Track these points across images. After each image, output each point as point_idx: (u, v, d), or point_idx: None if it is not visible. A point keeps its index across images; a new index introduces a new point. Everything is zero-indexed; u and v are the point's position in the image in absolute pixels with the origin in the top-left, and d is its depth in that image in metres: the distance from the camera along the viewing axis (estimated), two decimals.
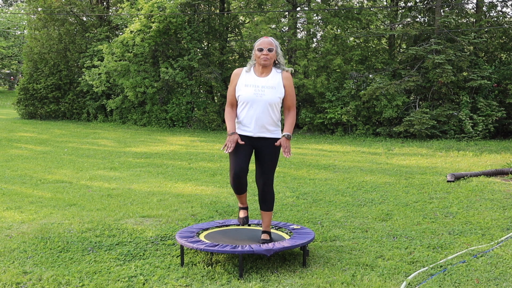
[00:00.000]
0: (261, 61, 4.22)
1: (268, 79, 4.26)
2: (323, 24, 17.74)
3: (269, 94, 4.21)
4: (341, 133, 16.06)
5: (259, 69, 4.28)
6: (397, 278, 3.96)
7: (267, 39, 4.26)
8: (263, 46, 4.23)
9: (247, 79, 4.27)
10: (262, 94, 4.20)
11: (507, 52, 17.13)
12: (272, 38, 4.31)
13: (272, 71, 4.29)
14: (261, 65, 4.25)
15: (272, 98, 4.21)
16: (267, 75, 4.27)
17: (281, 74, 4.29)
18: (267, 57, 4.21)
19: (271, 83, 4.24)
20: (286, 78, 4.29)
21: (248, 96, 4.21)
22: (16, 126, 17.86)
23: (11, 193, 7.09)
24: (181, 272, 4.07)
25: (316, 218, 5.77)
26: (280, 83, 4.26)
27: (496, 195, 6.89)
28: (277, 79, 4.27)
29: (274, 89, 4.23)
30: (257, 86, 4.22)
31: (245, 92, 4.22)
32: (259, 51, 4.22)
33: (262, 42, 4.25)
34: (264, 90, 4.21)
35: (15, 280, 3.89)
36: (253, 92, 4.20)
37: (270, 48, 4.22)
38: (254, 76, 4.27)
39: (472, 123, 14.59)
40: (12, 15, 38.10)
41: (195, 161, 10.37)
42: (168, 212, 6.01)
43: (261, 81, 4.24)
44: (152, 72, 18.18)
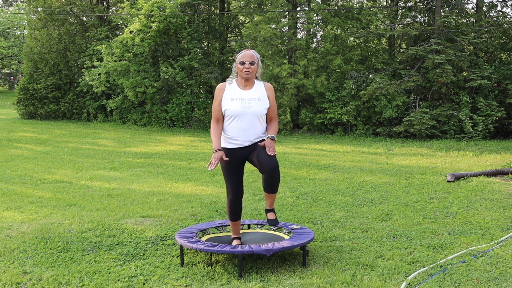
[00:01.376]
0: (243, 74, 4.25)
1: (253, 91, 4.29)
2: (323, 24, 17.74)
3: (256, 106, 4.24)
4: (341, 133, 16.06)
5: (242, 82, 4.30)
6: (397, 278, 3.96)
7: (248, 52, 4.28)
8: (245, 59, 4.25)
9: (232, 93, 4.28)
10: (249, 106, 4.23)
11: (507, 52, 17.12)
12: (254, 51, 4.34)
13: (255, 83, 4.34)
14: (244, 79, 4.27)
15: (260, 110, 4.25)
16: (251, 87, 4.31)
17: (264, 86, 4.35)
18: (249, 70, 4.24)
19: (256, 95, 4.28)
20: (269, 90, 4.35)
21: (235, 109, 4.22)
22: (16, 126, 17.86)
23: (11, 193, 7.09)
24: (181, 272, 4.07)
25: (316, 218, 5.77)
26: (265, 95, 4.31)
27: (496, 195, 6.89)
28: (261, 90, 4.32)
29: (260, 101, 4.27)
30: (243, 99, 4.25)
31: (232, 106, 4.23)
32: (241, 65, 4.25)
33: (244, 55, 4.27)
34: (250, 102, 4.24)
35: (15, 280, 3.89)
36: (240, 105, 4.22)
37: (252, 62, 4.25)
38: (238, 89, 4.29)
39: (472, 123, 14.59)
40: (12, 15, 38.12)
41: (195, 161, 10.37)
42: (168, 212, 6.01)
43: (247, 94, 4.27)
44: (152, 72, 18.18)
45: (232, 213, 4.39)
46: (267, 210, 4.42)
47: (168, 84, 18.13)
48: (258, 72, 4.35)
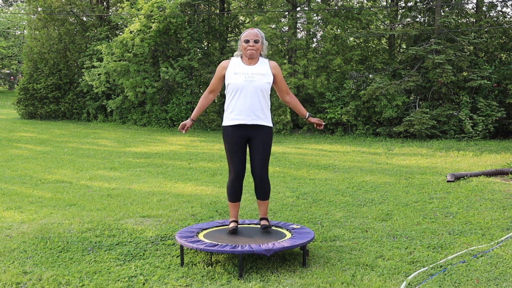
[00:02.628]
0: (248, 52, 4.31)
1: (257, 66, 4.36)
2: (323, 24, 17.74)
3: (259, 80, 4.29)
4: (341, 133, 16.06)
5: (246, 60, 4.37)
6: (397, 278, 3.95)
7: (253, 31, 4.35)
8: (249, 37, 4.31)
9: (236, 67, 4.34)
10: (252, 80, 4.28)
11: (507, 52, 17.12)
12: (258, 30, 4.40)
13: (259, 60, 4.40)
14: (248, 57, 4.33)
15: (262, 84, 4.30)
16: (255, 63, 4.37)
17: (269, 63, 4.41)
18: (253, 48, 4.30)
19: (260, 70, 4.34)
20: (274, 67, 4.42)
21: (238, 83, 4.27)
22: (16, 126, 17.86)
23: (11, 193, 7.09)
24: (181, 272, 4.07)
25: (316, 218, 5.77)
26: (269, 71, 4.38)
27: (496, 195, 6.89)
28: (265, 67, 4.38)
29: (264, 76, 4.33)
30: (247, 73, 4.30)
31: (235, 79, 4.28)
32: (246, 43, 4.31)
33: (248, 34, 4.34)
34: (254, 76, 4.29)
35: (15, 280, 3.89)
36: (243, 79, 4.27)
37: (256, 40, 4.31)
38: (242, 65, 4.36)
39: (472, 123, 14.59)
40: (12, 15, 38.12)
41: (195, 161, 10.37)
42: (168, 212, 6.01)
43: (251, 69, 4.33)
44: (152, 72, 18.17)
45: (232, 193, 4.41)
46: (261, 219, 4.54)
47: (168, 84, 18.13)
48: (263, 50, 4.40)
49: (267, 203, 4.51)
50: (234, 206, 4.50)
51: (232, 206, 4.50)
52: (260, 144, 4.34)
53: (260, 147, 4.34)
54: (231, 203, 4.49)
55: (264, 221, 4.52)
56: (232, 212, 4.53)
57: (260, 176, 4.37)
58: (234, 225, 4.50)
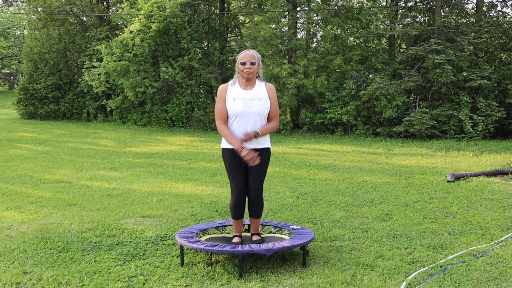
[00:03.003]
0: (245, 75, 4.31)
1: (254, 91, 4.36)
2: (323, 24, 17.73)
3: (257, 106, 4.30)
4: (341, 133, 16.06)
5: (244, 82, 4.36)
6: (397, 278, 3.96)
7: (249, 53, 4.34)
8: (245, 60, 4.31)
9: (234, 93, 4.34)
10: (251, 106, 4.29)
11: (507, 52, 17.12)
12: (254, 51, 4.39)
13: (256, 83, 4.40)
14: (245, 79, 4.33)
15: (261, 109, 4.32)
16: (252, 87, 4.37)
17: (265, 86, 4.41)
18: (250, 71, 4.30)
19: (258, 95, 4.34)
20: (270, 90, 4.41)
21: (237, 109, 4.28)
22: (16, 126, 17.86)
23: (11, 193, 7.09)
24: (181, 272, 4.07)
25: (316, 218, 5.77)
26: (266, 94, 4.37)
27: (496, 195, 6.89)
28: (262, 90, 4.38)
29: (262, 101, 4.34)
30: (245, 99, 4.31)
31: (234, 105, 4.29)
32: (242, 65, 4.31)
33: (244, 56, 4.33)
34: (252, 102, 4.30)
35: (15, 280, 3.89)
36: (242, 105, 4.29)
37: (253, 62, 4.31)
38: (240, 90, 4.35)
39: (472, 123, 14.59)
40: (12, 15, 38.12)
41: (195, 161, 10.37)
42: (168, 212, 6.01)
43: (248, 94, 4.33)
44: (152, 72, 18.17)
45: (235, 212, 4.42)
46: (252, 234, 4.53)
47: (168, 84, 18.12)
48: (259, 72, 4.41)
49: (259, 221, 4.55)
50: (238, 223, 4.50)
51: (236, 223, 4.50)
52: (257, 166, 4.33)
53: (256, 169, 4.35)
54: (235, 220, 4.49)
55: (256, 236, 4.49)
56: (236, 228, 4.52)
57: (255, 195, 4.39)
58: (239, 240, 4.47)
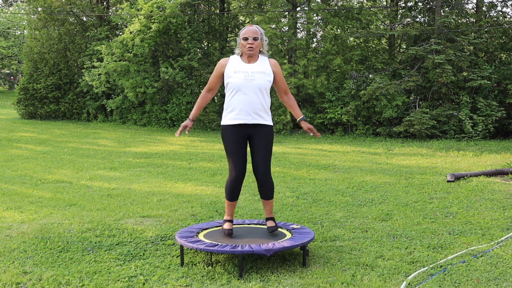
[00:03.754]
0: (247, 50, 4.26)
1: (257, 64, 4.30)
2: (323, 24, 17.74)
3: (259, 79, 4.24)
4: (341, 133, 16.06)
5: (246, 58, 4.32)
6: (397, 278, 3.95)
7: (251, 28, 4.28)
8: (248, 35, 4.26)
9: (235, 66, 4.29)
10: (253, 79, 4.22)
11: (507, 52, 17.12)
12: (257, 26, 4.33)
13: (259, 57, 4.35)
14: (247, 54, 4.29)
15: (263, 83, 4.25)
16: (255, 61, 4.32)
17: (269, 61, 4.37)
18: (253, 46, 4.25)
19: (260, 69, 4.28)
20: (274, 65, 4.36)
21: (238, 82, 4.22)
22: (16, 126, 17.86)
23: (11, 193, 7.09)
24: (181, 272, 4.07)
25: (316, 218, 5.77)
26: (269, 68, 4.32)
27: (496, 195, 6.89)
28: (265, 65, 4.33)
29: (264, 74, 4.27)
30: (247, 72, 4.25)
31: (235, 78, 4.23)
32: (244, 40, 4.26)
33: (247, 31, 4.28)
34: (254, 75, 4.24)
35: (15, 280, 3.89)
36: (243, 77, 4.22)
37: (255, 37, 4.25)
38: (241, 62, 4.31)
39: (472, 123, 14.59)
40: (12, 15, 38.11)
41: (195, 161, 10.37)
42: (168, 212, 6.01)
43: (251, 67, 4.28)
44: (152, 72, 18.17)
45: (231, 192, 4.35)
46: (267, 219, 4.49)
47: (168, 84, 18.13)
48: (263, 47, 4.34)
49: (271, 202, 4.45)
50: (231, 204, 4.45)
51: (229, 205, 4.45)
52: (262, 143, 4.29)
53: (261, 146, 4.29)
54: (229, 202, 4.44)
55: (270, 221, 4.45)
56: (228, 210, 4.47)
57: (263, 175, 4.30)
58: (230, 226, 4.44)
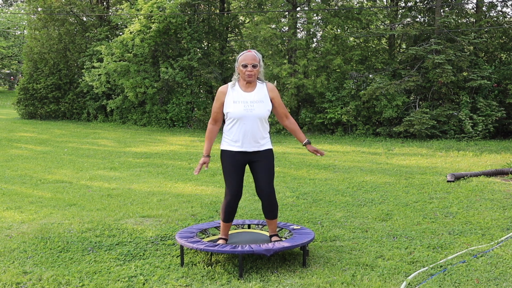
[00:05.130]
0: (246, 77, 4.25)
1: (255, 93, 4.29)
2: (323, 24, 17.74)
3: (258, 109, 4.24)
4: (341, 133, 16.06)
5: (244, 84, 4.30)
6: (397, 278, 3.96)
7: (250, 54, 4.26)
8: (247, 62, 4.23)
9: (234, 95, 4.27)
10: (252, 109, 4.23)
11: (507, 52, 17.12)
12: (255, 52, 4.32)
13: (257, 84, 4.33)
14: (246, 81, 4.27)
15: (262, 112, 4.26)
16: (253, 89, 4.30)
17: (266, 87, 4.35)
18: (252, 73, 4.24)
19: (258, 97, 4.28)
20: (271, 90, 4.35)
21: (238, 112, 4.22)
22: (16, 126, 17.86)
23: (11, 193, 7.09)
24: (181, 272, 4.07)
25: (316, 218, 5.77)
26: (267, 96, 4.31)
27: (496, 195, 6.89)
28: (263, 92, 4.32)
29: (263, 103, 4.27)
30: (246, 102, 4.24)
31: (235, 108, 4.23)
32: (244, 67, 4.24)
33: (245, 57, 4.25)
34: (253, 105, 4.24)
35: (15, 280, 3.89)
36: (242, 108, 4.22)
37: (255, 64, 4.24)
38: (240, 92, 4.29)
39: (472, 123, 14.59)
40: (12, 15, 38.10)
41: (195, 161, 10.37)
42: (168, 212, 6.01)
43: (249, 96, 4.26)
44: (152, 72, 18.18)
45: (227, 213, 4.34)
46: (271, 236, 4.46)
47: (168, 84, 18.13)
48: (260, 73, 4.34)
49: (276, 222, 4.47)
50: (226, 226, 4.42)
51: (224, 226, 4.42)
52: (264, 165, 4.30)
53: (263, 168, 4.30)
54: (224, 223, 4.40)
55: (275, 237, 4.43)
56: (223, 231, 4.44)
57: (268, 196, 4.32)
58: (223, 243, 4.39)
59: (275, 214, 4.42)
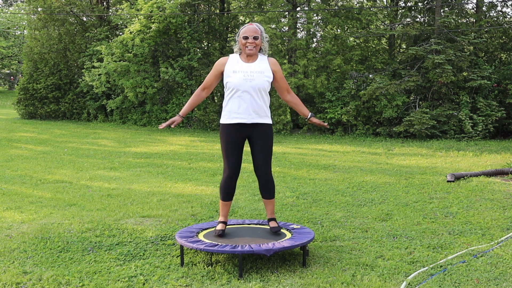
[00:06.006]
0: (247, 50, 4.23)
1: (256, 64, 4.27)
2: (323, 24, 17.74)
3: (258, 79, 4.21)
4: (341, 133, 16.06)
5: (245, 56, 4.29)
6: (397, 278, 3.95)
7: (252, 26, 4.24)
8: (248, 33, 4.22)
9: (234, 65, 4.26)
10: (252, 79, 4.20)
11: (507, 52, 17.12)
12: (257, 24, 4.29)
13: (258, 56, 4.32)
14: (247, 54, 4.26)
15: (262, 83, 4.22)
16: (254, 60, 4.29)
17: (268, 60, 4.33)
18: (253, 45, 4.22)
19: (259, 68, 4.26)
20: (273, 64, 4.33)
21: (237, 82, 4.20)
22: (16, 126, 17.86)
23: (11, 193, 7.09)
24: (181, 272, 4.07)
25: (316, 218, 5.77)
26: (268, 68, 4.30)
27: (496, 195, 6.89)
28: (264, 64, 4.30)
29: (263, 74, 4.25)
30: (246, 71, 4.22)
31: (234, 78, 4.20)
32: (244, 39, 4.22)
33: (247, 29, 4.24)
34: (253, 75, 4.21)
35: (15, 280, 3.89)
36: (242, 77, 4.20)
37: (256, 36, 4.22)
38: (241, 62, 4.27)
39: (472, 123, 14.59)
40: (12, 15, 38.10)
41: (195, 161, 10.37)
42: (168, 212, 6.01)
43: (249, 67, 4.25)
44: (152, 72, 18.17)
45: (225, 191, 4.34)
46: (269, 220, 4.48)
47: (168, 84, 18.13)
48: (263, 45, 4.31)
49: (273, 202, 4.46)
50: (225, 204, 4.43)
51: (223, 205, 4.43)
52: (262, 142, 4.29)
53: (262, 145, 4.29)
54: (223, 202, 4.42)
55: (272, 222, 4.45)
56: (222, 211, 4.46)
57: (264, 174, 4.32)
58: (222, 227, 4.42)
59: (272, 194, 4.41)
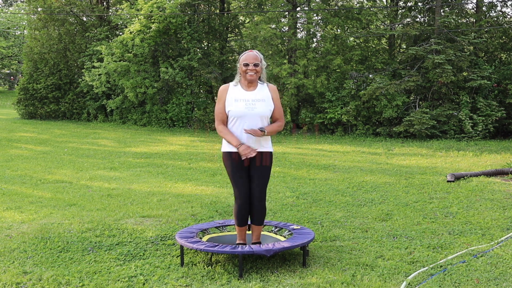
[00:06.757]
0: (248, 76, 4.24)
1: (257, 92, 4.29)
2: (323, 24, 17.74)
3: (260, 108, 4.23)
4: (341, 133, 16.06)
5: (246, 83, 4.30)
6: (397, 278, 3.96)
7: (252, 53, 4.27)
8: (248, 61, 4.24)
9: (235, 94, 4.27)
10: (254, 107, 4.22)
11: (507, 52, 17.12)
12: (257, 52, 4.32)
13: (258, 84, 4.33)
14: (248, 81, 4.27)
15: (264, 111, 4.24)
16: (254, 88, 4.30)
17: (268, 87, 4.34)
18: (253, 72, 4.23)
19: (260, 96, 4.27)
20: (273, 91, 4.36)
21: (239, 110, 4.21)
22: (16, 126, 17.86)
23: (11, 193, 7.09)
24: (181, 272, 4.08)
25: (316, 218, 5.77)
26: (269, 96, 4.31)
27: (496, 195, 6.89)
28: (265, 92, 4.31)
29: (264, 102, 4.26)
30: (247, 100, 4.23)
31: (236, 107, 4.22)
32: (245, 66, 4.24)
33: (247, 57, 4.26)
34: (255, 103, 4.23)
35: (15, 280, 3.89)
36: (244, 106, 4.21)
37: (256, 63, 4.24)
38: (242, 91, 4.28)
39: (472, 123, 14.59)
40: (12, 15, 38.10)
41: (195, 161, 10.37)
42: (168, 212, 6.01)
43: (250, 95, 4.26)
44: (152, 72, 18.17)
45: (239, 218, 4.34)
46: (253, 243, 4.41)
47: (168, 84, 18.13)
48: (261, 73, 4.33)
49: (261, 228, 4.45)
50: (242, 230, 4.41)
51: (240, 230, 4.41)
52: (260, 173, 4.28)
53: (259, 173, 4.28)
54: (239, 228, 4.40)
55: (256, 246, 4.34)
56: (240, 236, 4.43)
57: (258, 201, 4.31)
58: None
59: (263, 221, 4.41)
